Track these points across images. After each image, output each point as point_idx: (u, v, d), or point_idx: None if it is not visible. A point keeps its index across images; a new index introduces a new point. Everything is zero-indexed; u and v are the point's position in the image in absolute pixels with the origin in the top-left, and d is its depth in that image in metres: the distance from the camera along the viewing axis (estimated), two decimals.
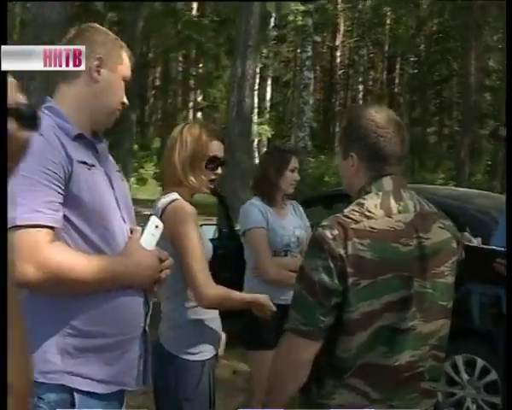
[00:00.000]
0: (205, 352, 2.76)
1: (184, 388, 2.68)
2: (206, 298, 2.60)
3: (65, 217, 1.91)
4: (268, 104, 28.62)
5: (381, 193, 1.96)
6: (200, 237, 2.68)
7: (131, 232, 2.08)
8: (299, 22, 21.02)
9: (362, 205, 1.94)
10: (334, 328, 1.90)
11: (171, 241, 2.58)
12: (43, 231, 1.83)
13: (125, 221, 2.08)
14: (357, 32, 32.46)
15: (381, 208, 1.93)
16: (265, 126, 25.97)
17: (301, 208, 4.00)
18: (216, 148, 2.77)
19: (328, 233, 1.87)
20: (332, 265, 1.85)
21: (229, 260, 5.05)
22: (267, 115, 28.11)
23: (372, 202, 1.94)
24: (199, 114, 27.00)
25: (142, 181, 24.78)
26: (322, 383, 1.95)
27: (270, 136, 26.72)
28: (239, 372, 5.63)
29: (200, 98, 26.28)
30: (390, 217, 1.92)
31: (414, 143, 30.19)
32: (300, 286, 1.91)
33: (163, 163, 2.85)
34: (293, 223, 3.80)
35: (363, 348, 1.89)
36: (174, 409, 2.71)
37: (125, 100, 2.18)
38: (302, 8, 20.11)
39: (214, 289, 2.62)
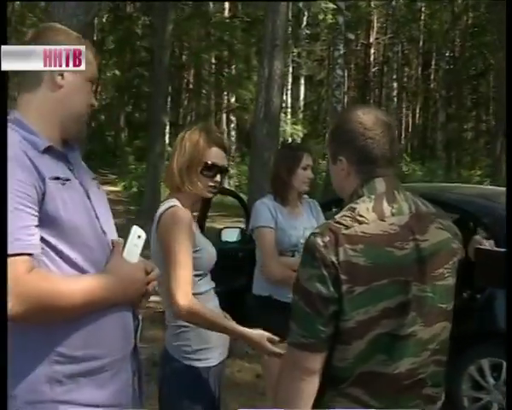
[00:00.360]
0: (210, 358, 2.72)
1: (190, 395, 2.66)
2: (177, 308, 2.53)
3: (43, 239, 1.79)
4: (302, 103, 28.59)
5: (373, 196, 1.89)
6: (193, 246, 2.64)
7: (113, 244, 1.97)
8: (330, 20, 20.89)
9: (353, 209, 1.87)
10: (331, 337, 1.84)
11: (162, 246, 2.57)
12: (21, 260, 1.71)
13: (105, 233, 1.97)
14: (391, 29, 32.23)
15: (373, 212, 1.86)
16: (297, 126, 25.91)
17: (319, 207, 3.93)
18: (214, 155, 2.73)
19: (319, 240, 1.81)
20: (325, 273, 1.79)
21: (250, 263, 4.98)
22: (301, 115, 28.07)
23: (364, 205, 1.88)
24: (232, 116, 27.09)
25: None
26: (320, 392, 1.88)
27: (301, 135, 26.66)
28: (262, 376, 5.56)
29: (233, 100, 26.34)
30: (383, 220, 1.85)
31: (450, 140, 29.95)
32: (297, 297, 1.85)
33: (166, 169, 2.85)
34: (305, 223, 3.73)
35: (361, 357, 1.83)
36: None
37: (94, 101, 2.06)
38: (332, 5, 19.95)
39: (189, 303, 2.52)
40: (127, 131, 31.67)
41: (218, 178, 2.74)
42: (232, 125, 28.11)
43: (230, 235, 6.39)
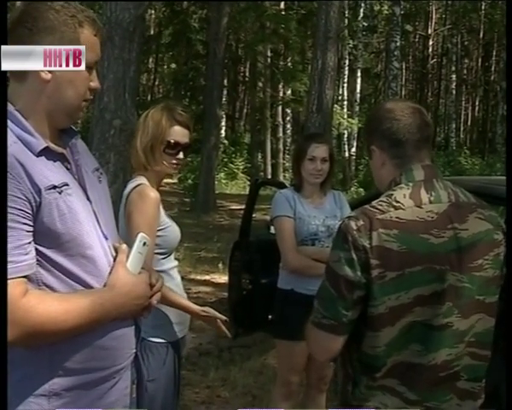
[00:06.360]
0: (169, 334, 2.78)
1: (148, 369, 2.68)
2: None
3: (42, 253, 1.68)
4: (358, 96, 28.32)
5: (411, 183, 1.90)
6: (159, 225, 2.70)
7: (116, 251, 1.87)
8: (386, 11, 20.60)
9: (390, 195, 1.89)
10: (361, 323, 1.84)
11: (127, 223, 2.63)
12: (15, 283, 1.59)
13: (106, 237, 1.85)
14: (450, 20, 31.62)
15: (410, 198, 1.86)
16: (352, 119, 25.66)
17: (344, 198, 3.87)
18: (177, 133, 2.80)
19: (352, 224, 1.83)
20: (355, 257, 1.80)
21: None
22: (357, 108, 27.81)
23: (401, 192, 1.88)
24: (287, 109, 27.06)
25: (231, 176, 25.12)
26: (356, 383, 1.90)
27: (356, 129, 26.41)
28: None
29: (288, 92, 26.29)
30: (420, 207, 1.85)
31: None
32: (325, 277, 1.89)
33: (131, 148, 2.91)
34: (326, 212, 3.69)
35: (394, 346, 1.82)
36: (140, 389, 2.72)
37: (95, 84, 1.83)
38: None
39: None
40: None
41: (180, 155, 2.82)
42: (288, 118, 28.07)
43: None
